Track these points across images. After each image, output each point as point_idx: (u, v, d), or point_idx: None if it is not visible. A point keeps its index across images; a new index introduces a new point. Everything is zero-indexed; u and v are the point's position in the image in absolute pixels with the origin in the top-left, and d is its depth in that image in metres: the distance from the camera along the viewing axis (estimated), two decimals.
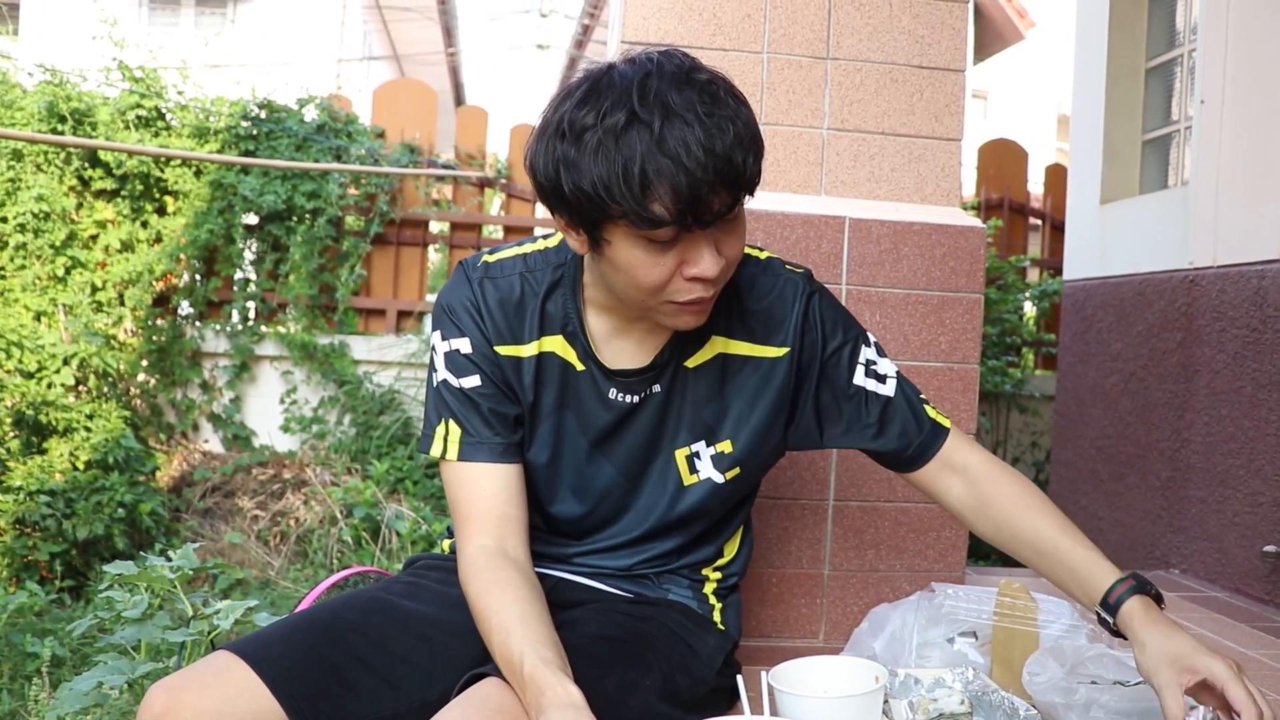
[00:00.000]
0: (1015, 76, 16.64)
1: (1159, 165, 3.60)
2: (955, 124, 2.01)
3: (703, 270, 1.16)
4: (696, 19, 1.93)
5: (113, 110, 5.28)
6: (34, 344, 4.78)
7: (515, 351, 1.31)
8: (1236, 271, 2.80)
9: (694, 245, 1.15)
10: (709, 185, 1.09)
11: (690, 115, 1.09)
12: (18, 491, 4.21)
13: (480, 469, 1.29)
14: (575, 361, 1.32)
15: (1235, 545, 2.71)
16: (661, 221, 1.10)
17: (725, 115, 1.11)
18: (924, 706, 1.35)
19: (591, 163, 1.10)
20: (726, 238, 1.18)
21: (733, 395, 1.35)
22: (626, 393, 1.33)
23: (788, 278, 1.37)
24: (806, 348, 1.35)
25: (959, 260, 1.95)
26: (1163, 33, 3.59)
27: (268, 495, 4.88)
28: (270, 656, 1.16)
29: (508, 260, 1.34)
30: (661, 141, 1.08)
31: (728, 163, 1.09)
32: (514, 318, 1.31)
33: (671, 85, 1.11)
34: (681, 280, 1.17)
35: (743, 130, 1.12)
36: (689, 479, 1.36)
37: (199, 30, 10.68)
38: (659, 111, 1.09)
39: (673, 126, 1.08)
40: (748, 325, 1.35)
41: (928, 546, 1.97)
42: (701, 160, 1.08)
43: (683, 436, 1.35)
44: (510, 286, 1.32)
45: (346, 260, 5.48)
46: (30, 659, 2.95)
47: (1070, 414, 3.68)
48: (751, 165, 1.13)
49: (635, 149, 1.08)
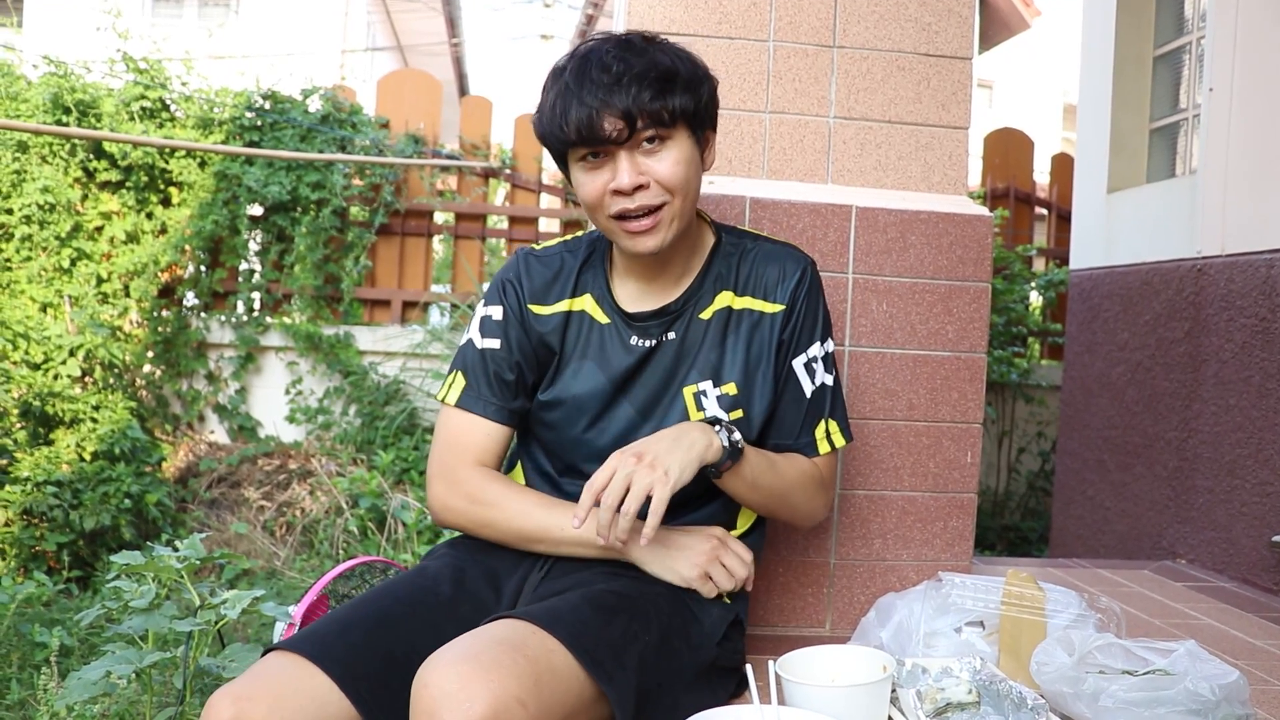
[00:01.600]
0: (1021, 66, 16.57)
1: (1166, 154, 3.58)
2: (962, 112, 2.00)
3: (617, 183, 1.39)
4: (702, 7, 1.92)
5: (117, 102, 5.27)
6: (40, 335, 4.79)
7: (547, 309, 1.54)
8: (1245, 260, 2.79)
9: (614, 163, 1.39)
10: (597, 112, 1.35)
11: (595, 58, 1.37)
12: (25, 482, 4.22)
13: (472, 418, 1.51)
14: (602, 317, 1.53)
15: (1243, 535, 2.70)
16: (573, 142, 1.38)
17: (628, 58, 1.36)
18: (931, 696, 1.35)
19: (542, 108, 1.41)
20: (648, 160, 1.40)
21: (735, 343, 1.52)
22: (644, 337, 1.51)
23: (794, 254, 1.57)
24: (795, 314, 1.53)
25: (966, 249, 1.94)
26: (1171, 20, 3.57)
27: (273, 486, 4.89)
28: (333, 654, 1.18)
29: (553, 246, 1.60)
30: (571, 80, 1.37)
31: (612, 90, 1.34)
32: (551, 283, 1.55)
33: (601, 44, 1.40)
34: (609, 195, 1.40)
35: (645, 70, 1.36)
36: (696, 415, 1.50)
37: (203, 21, 10.66)
38: (577, 61, 1.39)
39: (582, 70, 1.37)
40: (752, 284, 1.54)
41: (935, 536, 1.97)
42: (593, 91, 1.35)
43: (692, 375, 1.51)
44: (551, 261, 1.56)
45: (351, 251, 5.48)
46: (38, 649, 2.96)
47: (1076, 404, 3.67)
48: (641, 96, 1.35)
49: (555, 90, 1.39)
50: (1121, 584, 2.54)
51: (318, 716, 1.13)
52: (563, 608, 1.25)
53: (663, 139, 1.39)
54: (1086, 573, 2.63)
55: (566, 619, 1.22)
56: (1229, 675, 1.40)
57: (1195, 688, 1.36)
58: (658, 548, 1.42)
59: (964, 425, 1.96)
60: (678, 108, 1.39)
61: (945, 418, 1.95)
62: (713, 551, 1.44)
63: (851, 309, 1.92)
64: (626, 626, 1.27)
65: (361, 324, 5.50)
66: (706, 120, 1.46)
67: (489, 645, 1.12)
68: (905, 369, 1.94)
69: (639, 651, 1.26)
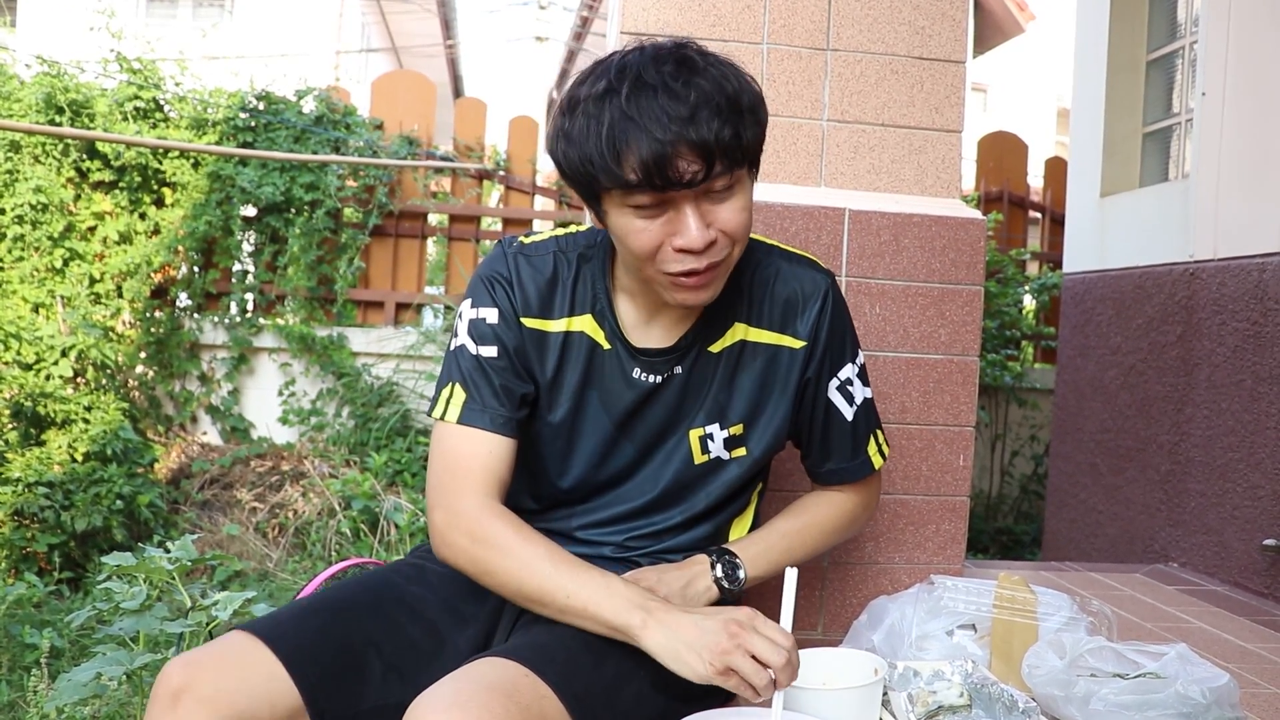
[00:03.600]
0: (1015, 70, 16.60)
1: (1159, 158, 3.59)
2: (955, 116, 2.00)
3: (688, 241, 1.19)
4: (696, 10, 1.92)
5: (110, 102, 5.26)
6: (32, 336, 4.77)
7: (543, 325, 1.36)
8: (1237, 265, 2.80)
9: (680, 214, 1.19)
10: (672, 147, 1.13)
11: (658, 83, 1.15)
12: (16, 483, 4.20)
13: (477, 434, 1.31)
14: (603, 341, 1.36)
15: (1235, 539, 2.71)
16: (633, 185, 1.15)
17: (697, 82, 1.15)
18: (923, 699, 1.35)
19: (578, 133, 1.17)
20: (716, 209, 1.21)
21: (748, 380, 1.39)
22: (650, 372, 1.36)
23: (812, 275, 1.41)
24: (818, 346, 1.40)
25: (959, 252, 1.95)
26: (1164, 25, 3.58)
27: (266, 487, 4.87)
28: (286, 636, 1.17)
29: (543, 241, 1.39)
30: (629, 106, 1.14)
31: (691, 124, 1.13)
32: (546, 293, 1.36)
33: (651, 59, 1.17)
34: (670, 250, 1.21)
35: (715, 96, 1.15)
36: (700, 458, 1.40)
37: (197, 22, 10.65)
38: (631, 81, 1.15)
39: (640, 93, 1.14)
40: (769, 314, 1.39)
41: (927, 539, 1.97)
42: (664, 123, 1.13)
43: (699, 418, 1.39)
44: (545, 264, 1.37)
45: (345, 252, 5.47)
46: (29, 650, 2.94)
47: (1070, 407, 3.68)
48: (722, 131, 1.15)
49: (607, 116, 1.15)
50: (1114, 587, 2.54)
51: (264, 691, 1.13)
52: (554, 646, 1.19)
53: (734, 182, 1.21)
54: (1079, 576, 2.63)
55: (558, 660, 1.16)
56: (1219, 679, 1.40)
57: (1186, 691, 1.36)
58: (669, 632, 1.17)
59: (956, 428, 1.96)
60: (751, 141, 1.20)
61: (938, 421, 1.95)
62: (733, 640, 1.14)
63: None
64: (619, 665, 1.21)
65: (355, 325, 5.49)
66: (763, 141, 1.27)
67: (479, 692, 1.07)
68: (898, 372, 1.94)
69: (634, 692, 1.21)
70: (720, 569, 1.37)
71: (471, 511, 1.27)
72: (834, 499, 1.52)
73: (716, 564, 1.38)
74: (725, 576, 1.37)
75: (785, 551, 1.44)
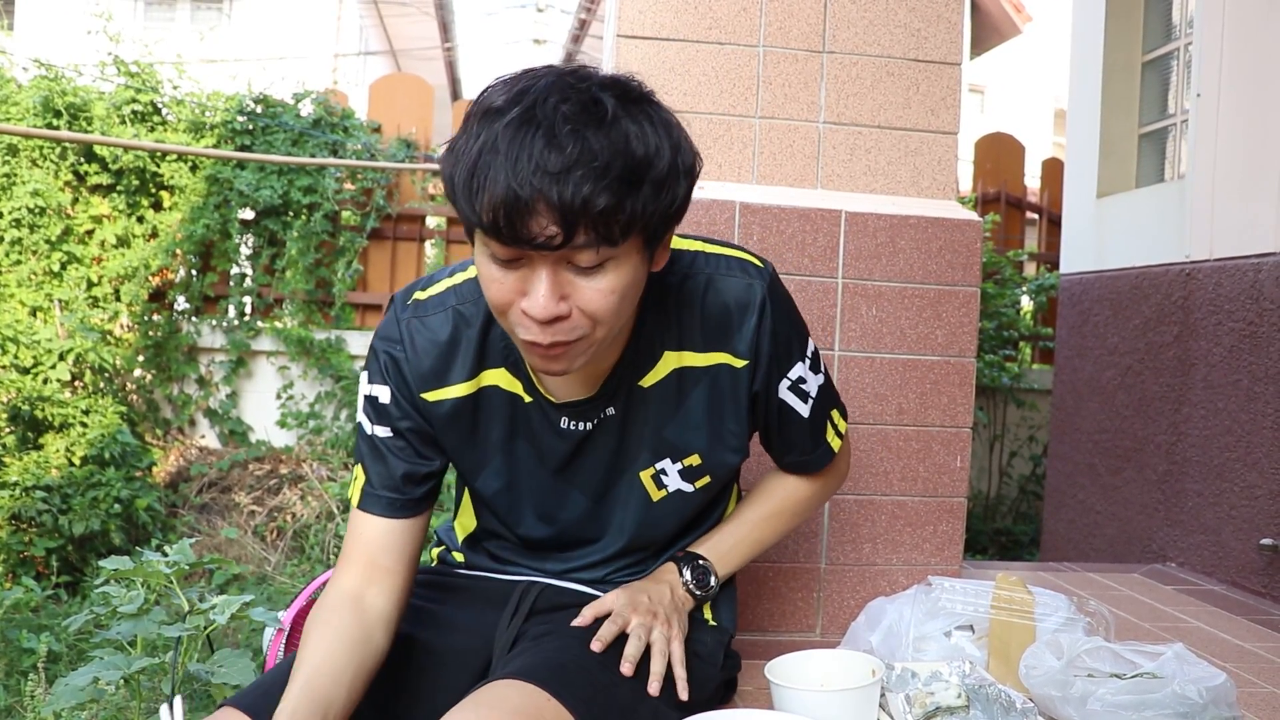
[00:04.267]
0: (1012, 71, 16.63)
1: (1155, 159, 3.60)
2: (951, 117, 2.01)
3: (530, 306, 1.04)
4: (692, 12, 1.92)
5: (108, 105, 5.26)
6: (30, 339, 4.77)
7: (445, 394, 1.25)
8: (1233, 265, 2.80)
9: (535, 275, 1.04)
10: (529, 201, 0.97)
11: (545, 122, 0.98)
12: (14, 487, 4.20)
13: (369, 519, 1.25)
14: (522, 393, 1.26)
15: (1232, 538, 2.71)
16: (481, 225, 1.01)
17: (588, 135, 0.98)
18: (921, 700, 1.35)
19: (456, 150, 1.03)
20: (578, 282, 1.05)
21: (695, 408, 1.29)
22: (578, 420, 1.26)
23: (743, 283, 1.26)
24: (762, 361, 1.28)
25: (955, 254, 1.95)
26: (1159, 26, 3.59)
27: (264, 491, 4.88)
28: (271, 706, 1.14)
29: (440, 294, 1.26)
30: (503, 138, 0.98)
31: (557, 182, 0.96)
32: (445, 358, 1.24)
33: (557, 91, 1.00)
34: (519, 311, 1.06)
35: (606, 157, 0.98)
36: (657, 494, 1.33)
37: (195, 25, 10.64)
38: (521, 110, 0.99)
39: (523, 128, 0.98)
40: (703, 334, 1.26)
41: (924, 540, 1.97)
42: (528, 171, 0.97)
43: (644, 458, 1.30)
44: (441, 325, 1.24)
45: (343, 255, 5.47)
46: (26, 654, 2.94)
47: (1067, 408, 3.68)
48: (595, 198, 0.97)
49: (480, 142, 1.00)
50: (1112, 587, 2.54)
51: None
52: (571, 666, 1.17)
53: (605, 259, 1.04)
54: (1077, 576, 2.63)
55: (577, 682, 1.14)
56: (1216, 678, 1.40)
57: (1183, 690, 1.36)
58: None
59: (953, 430, 1.97)
60: (638, 215, 1.02)
61: (935, 422, 1.96)
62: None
63: (841, 313, 1.93)
64: (634, 686, 1.20)
65: (353, 328, 5.49)
66: (675, 219, 1.10)
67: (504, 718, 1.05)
68: (895, 373, 1.94)
69: (649, 708, 1.21)
70: (691, 579, 1.36)
71: (324, 599, 1.21)
72: (801, 481, 1.47)
73: (685, 569, 1.36)
74: (697, 585, 1.36)
75: (756, 542, 1.43)
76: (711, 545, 1.41)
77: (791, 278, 1.89)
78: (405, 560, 1.26)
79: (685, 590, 1.35)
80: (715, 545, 1.41)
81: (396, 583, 1.24)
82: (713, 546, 1.40)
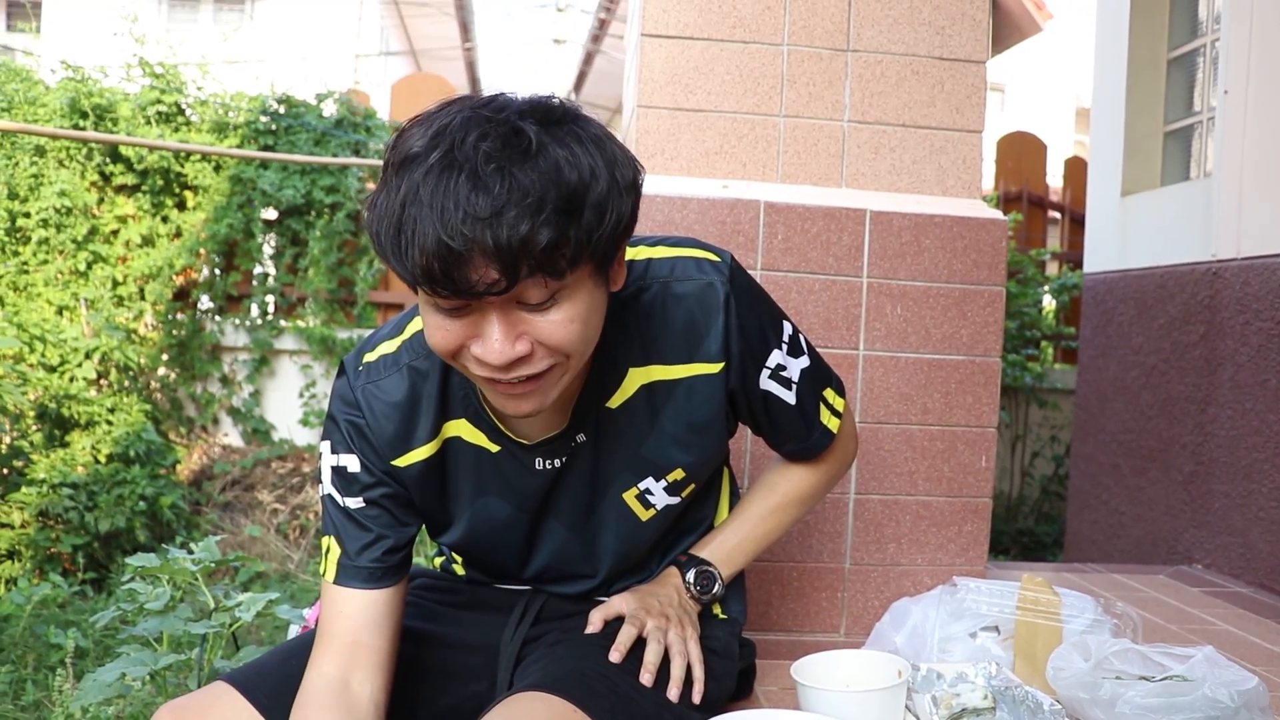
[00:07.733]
0: (1033, 69, 16.52)
1: (1181, 157, 3.57)
2: (976, 116, 2.00)
3: (484, 353, 0.99)
4: (716, 11, 1.92)
5: (133, 106, 5.31)
6: (56, 338, 4.82)
7: (414, 457, 1.20)
8: (1261, 263, 2.77)
9: (485, 319, 0.98)
10: (463, 251, 0.91)
11: (467, 164, 0.91)
12: (41, 484, 4.25)
13: (348, 594, 1.19)
14: (487, 444, 1.21)
15: (1260, 540, 2.68)
16: (416, 280, 0.95)
17: (514, 172, 0.92)
18: (947, 701, 1.35)
19: (378, 201, 0.96)
20: (533, 318, 0.99)
21: (671, 422, 1.23)
22: (551, 457, 1.22)
23: (703, 284, 1.19)
24: (735, 358, 1.22)
25: (980, 253, 1.94)
26: (1185, 22, 3.55)
27: (287, 489, 4.90)
28: (264, 686, 1.16)
29: (392, 355, 1.20)
30: (425, 185, 0.92)
31: (489, 227, 0.90)
32: (407, 420, 1.19)
33: (476, 127, 0.94)
34: (470, 355, 1.01)
35: (538, 191, 0.92)
36: (645, 515, 1.29)
37: (218, 26, 10.73)
38: (441, 153, 0.93)
39: (445, 173, 0.92)
40: (670, 347, 1.20)
41: (949, 540, 1.97)
42: (456, 220, 0.90)
43: (625, 478, 1.25)
44: (396, 386, 1.18)
45: (365, 254, 5.50)
46: (54, 650, 2.97)
47: (1091, 408, 3.65)
48: (535, 235, 0.91)
49: (403, 191, 0.93)
50: (1137, 589, 2.52)
51: None
52: (593, 676, 1.15)
53: (557, 291, 0.99)
54: (1102, 578, 2.62)
55: (601, 692, 1.13)
56: (1248, 681, 1.39)
57: (1214, 694, 1.35)
58: None
59: (978, 429, 1.96)
60: (585, 243, 0.96)
61: (959, 422, 1.95)
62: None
63: (866, 313, 1.92)
64: (656, 694, 1.19)
65: (375, 327, 5.51)
66: (624, 237, 1.04)
67: None
68: (920, 373, 1.94)
69: (673, 714, 1.20)
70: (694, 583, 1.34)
71: (306, 688, 1.14)
72: (804, 469, 1.42)
73: (688, 573, 1.34)
74: (700, 590, 1.34)
75: (761, 539, 1.39)
76: (714, 547, 1.38)
77: (816, 277, 1.89)
78: (389, 635, 1.20)
79: (689, 597, 1.34)
80: (718, 546, 1.38)
81: (382, 661, 1.19)
82: (716, 548, 1.37)
